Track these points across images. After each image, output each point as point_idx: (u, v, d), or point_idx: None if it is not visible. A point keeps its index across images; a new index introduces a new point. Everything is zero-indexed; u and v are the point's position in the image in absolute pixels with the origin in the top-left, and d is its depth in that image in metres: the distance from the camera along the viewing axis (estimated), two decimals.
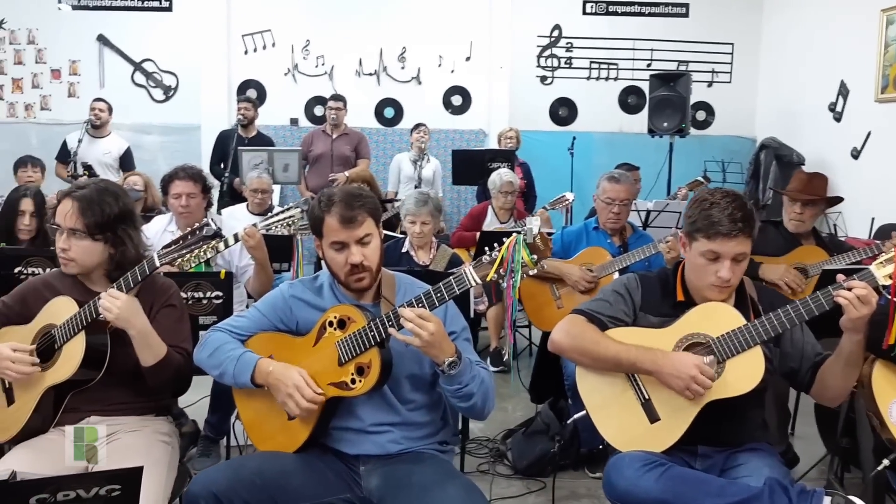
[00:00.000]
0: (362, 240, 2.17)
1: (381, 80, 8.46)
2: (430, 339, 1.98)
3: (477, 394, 2.11)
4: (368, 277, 2.20)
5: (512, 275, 2.03)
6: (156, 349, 2.29)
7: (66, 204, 2.35)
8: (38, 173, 5.69)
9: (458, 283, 2.04)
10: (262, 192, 5.31)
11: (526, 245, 2.02)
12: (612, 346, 2.26)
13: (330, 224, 2.17)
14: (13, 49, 8.18)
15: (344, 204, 2.16)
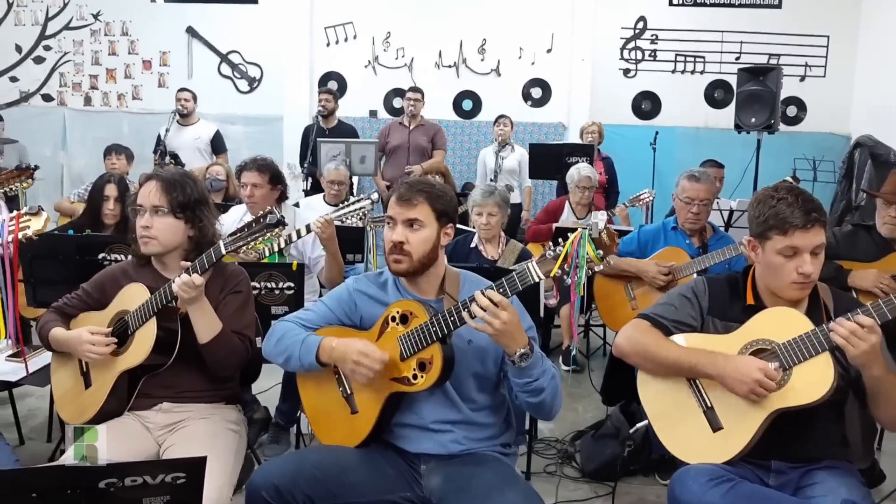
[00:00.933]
0: (411, 223, 2.16)
1: (461, 72, 8.42)
2: (502, 327, 1.94)
3: (547, 389, 2.06)
4: (406, 262, 2.16)
5: (576, 271, 1.96)
6: (212, 325, 2.34)
7: (149, 185, 2.44)
8: (123, 161, 5.90)
9: (521, 279, 1.98)
10: (338, 184, 5.36)
11: (591, 240, 1.96)
12: (673, 350, 2.19)
13: (390, 202, 2.20)
14: (108, 40, 8.53)
15: (408, 185, 2.19)
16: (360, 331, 2.24)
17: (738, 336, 2.16)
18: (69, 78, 8.61)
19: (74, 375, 2.49)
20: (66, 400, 2.52)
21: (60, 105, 8.64)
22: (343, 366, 2.14)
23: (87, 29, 8.53)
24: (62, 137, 8.60)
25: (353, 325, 2.28)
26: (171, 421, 2.40)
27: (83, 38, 8.55)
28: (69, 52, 8.57)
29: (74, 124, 8.61)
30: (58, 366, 2.56)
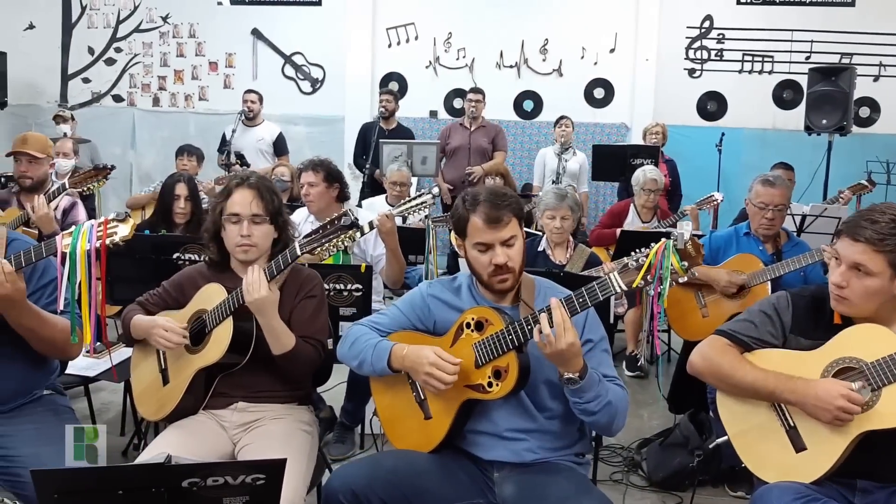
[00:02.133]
0: (507, 241, 2.13)
1: (522, 72, 8.38)
2: (561, 348, 1.92)
3: (599, 413, 2.04)
4: (511, 279, 2.15)
5: (660, 282, 1.92)
6: (284, 341, 2.35)
7: (244, 194, 2.46)
8: (194, 162, 6.03)
9: (602, 289, 1.95)
10: (400, 185, 5.39)
11: (676, 251, 1.91)
12: (749, 374, 2.11)
13: (475, 224, 2.14)
14: (176, 42, 8.73)
15: (490, 204, 2.12)
16: (433, 336, 2.24)
17: (822, 354, 2.07)
18: (138, 79, 8.84)
19: (153, 372, 2.55)
20: (146, 396, 2.57)
21: (130, 105, 8.88)
22: (415, 375, 2.15)
23: (157, 31, 8.75)
24: (131, 137, 8.84)
25: (427, 330, 2.28)
26: (246, 420, 2.44)
27: (152, 41, 8.77)
28: (139, 54, 8.81)
29: (143, 124, 8.84)
30: (138, 361, 2.62)
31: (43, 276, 2.40)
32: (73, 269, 2.12)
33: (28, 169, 4.05)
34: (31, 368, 2.41)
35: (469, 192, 2.22)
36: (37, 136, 4.24)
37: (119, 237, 2.12)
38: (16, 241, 2.41)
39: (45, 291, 2.38)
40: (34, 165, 4.07)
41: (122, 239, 2.13)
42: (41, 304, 2.31)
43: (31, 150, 4.05)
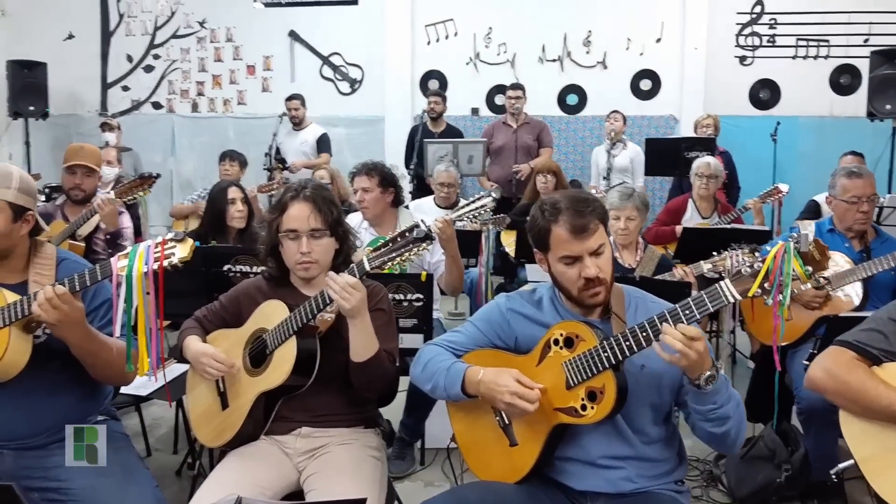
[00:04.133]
0: (596, 251, 1.93)
1: (565, 65, 8.16)
2: (697, 358, 1.72)
3: (733, 417, 1.84)
4: (604, 291, 1.96)
5: (780, 290, 1.71)
6: (370, 345, 2.19)
7: (300, 208, 2.31)
8: (236, 167, 5.93)
9: (713, 300, 1.75)
10: (448, 186, 5.23)
11: (798, 254, 1.70)
12: (884, 395, 1.91)
13: (559, 235, 1.94)
14: (213, 47, 8.66)
15: (573, 212, 1.92)
16: (515, 355, 2.05)
17: None
18: (177, 85, 8.78)
19: (212, 395, 2.40)
20: (203, 420, 2.43)
21: (169, 112, 8.83)
22: (493, 403, 1.96)
23: (194, 37, 8.67)
24: (171, 144, 8.79)
25: (508, 347, 2.10)
26: (311, 447, 2.28)
27: (190, 46, 8.71)
28: (177, 60, 8.75)
29: (183, 130, 8.78)
30: (195, 383, 2.48)
31: (95, 298, 2.28)
32: (129, 292, 1.98)
33: (83, 181, 3.97)
34: (85, 396, 2.30)
35: (547, 200, 2.02)
36: (91, 147, 4.16)
37: (178, 258, 1.99)
38: (66, 261, 2.30)
39: (98, 313, 2.26)
40: (89, 178, 3.99)
41: (181, 260, 1.99)
42: (94, 326, 2.18)
43: (89, 163, 3.96)
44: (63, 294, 1.99)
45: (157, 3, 8.60)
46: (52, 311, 1.98)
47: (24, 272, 2.23)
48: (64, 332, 2.05)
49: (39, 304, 1.99)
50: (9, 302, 2.07)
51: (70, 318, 2.02)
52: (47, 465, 2.17)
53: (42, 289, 2.02)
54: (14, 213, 2.18)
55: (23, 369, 2.09)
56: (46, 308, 1.98)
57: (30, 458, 2.17)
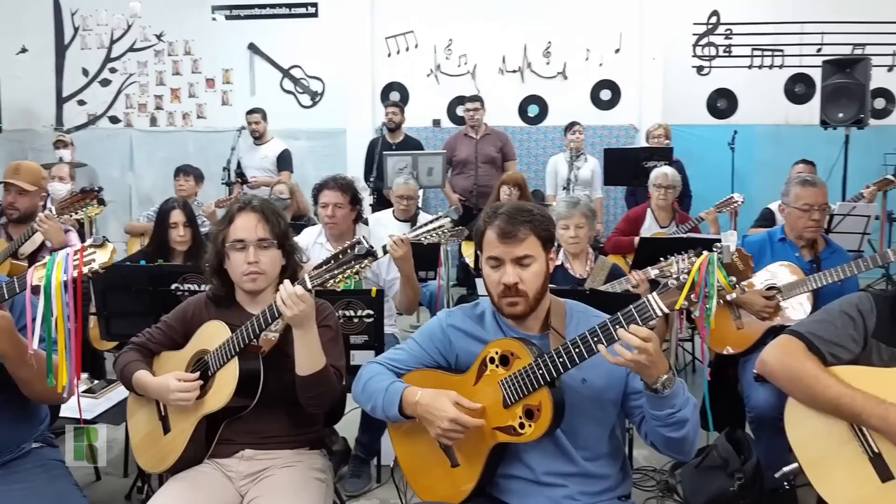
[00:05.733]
0: (521, 260, 1.93)
1: (525, 76, 8.20)
2: (650, 360, 1.72)
3: (690, 420, 1.83)
4: (523, 304, 1.94)
5: (706, 301, 1.72)
6: (316, 359, 2.15)
7: (248, 218, 2.29)
8: (191, 182, 5.85)
9: (642, 314, 1.75)
10: (408, 199, 5.21)
11: (722, 265, 1.71)
12: (833, 388, 1.94)
13: (489, 237, 1.96)
14: (171, 60, 8.57)
15: (507, 217, 1.94)
16: (454, 374, 2.03)
17: None
18: (135, 99, 8.67)
19: (152, 420, 2.35)
20: (144, 446, 2.38)
21: (127, 126, 8.71)
22: (428, 427, 1.93)
23: (151, 50, 8.58)
24: (129, 158, 8.67)
25: (449, 365, 2.08)
26: (254, 470, 2.24)
27: (147, 59, 8.60)
28: (134, 74, 8.64)
29: (141, 145, 8.67)
30: (135, 409, 2.43)
31: (22, 317, 2.20)
32: (47, 303, 1.92)
33: (16, 200, 3.86)
34: (18, 421, 2.22)
35: (493, 205, 2.03)
36: (30, 166, 4.04)
37: (98, 264, 1.92)
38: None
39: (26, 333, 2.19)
40: (23, 198, 3.88)
41: (102, 266, 1.92)
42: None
43: (20, 182, 3.85)
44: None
45: (114, 16, 8.48)
46: None
47: None
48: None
49: None
50: None
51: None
52: None
53: None
54: None
55: None
56: None
57: None
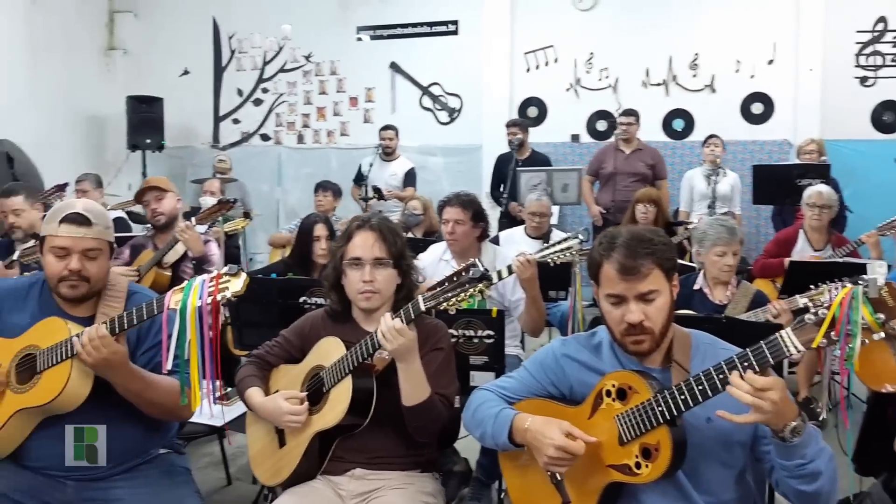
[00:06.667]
0: (645, 296, 1.79)
1: (670, 89, 7.88)
2: (773, 409, 1.56)
3: (825, 473, 1.64)
4: (649, 341, 1.81)
5: (848, 340, 1.53)
6: (420, 390, 2.13)
7: (365, 237, 2.30)
8: (330, 197, 6.03)
9: (773, 352, 1.58)
10: (540, 216, 5.10)
11: (868, 300, 1.51)
12: None
13: (607, 273, 1.81)
14: (318, 80, 8.91)
15: (626, 250, 1.79)
16: (567, 406, 1.92)
17: None
18: (284, 118, 9.08)
19: (269, 433, 2.39)
20: (261, 458, 2.42)
21: (276, 144, 9.13)
22: (536, 455, 1.83)
23: (300, 70, 8.95)
24: (278, 174, 9.08)
25: (562, 395, 1.97)
26: (364, 489, 2.23)
27: (296, 80, 8.99)
28: (284, 94, 9.05)
29: (288, 161, 9.06)
30: (253, 420, 2.47)
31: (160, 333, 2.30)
32: (182, 326, 1.99)
33: (157, 206, 4.10)
34: (149, 427, 2.31)
35: (608, 232, 1.89)
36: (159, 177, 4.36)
37: (231, 292, 1.98)
38: (136, 295, 2.32)
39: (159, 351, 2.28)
40: (162, 201, 4.11)
41: (234, 294, 1.98)
42: (156, 360, 2.20)
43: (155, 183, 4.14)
44: (103, 337, 2.01)
45: (267, 38, 8.94)
46: (93, 353, 2.01)
47: (95, 305, 2.28)
48: (105, 374, 2.08)
49: (83, 346, 2.02)
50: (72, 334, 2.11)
51: (109, 361, 2.03)
52: (108, 498, 2.20)
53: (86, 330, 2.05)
54: (111, 250, 2.29)
55: (85, 402, 2.13)
56: (88, 350, 2.01)
57: (92, 489, 2.20)
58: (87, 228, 2.19)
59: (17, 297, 2.30)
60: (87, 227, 2.19)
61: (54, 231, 2.19)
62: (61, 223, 2.18)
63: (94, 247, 2.20)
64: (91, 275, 2.20)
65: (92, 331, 2.02)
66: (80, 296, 2.22)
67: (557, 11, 8.06)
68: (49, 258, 2.20)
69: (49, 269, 2.21)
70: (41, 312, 2.23)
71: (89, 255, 2.20)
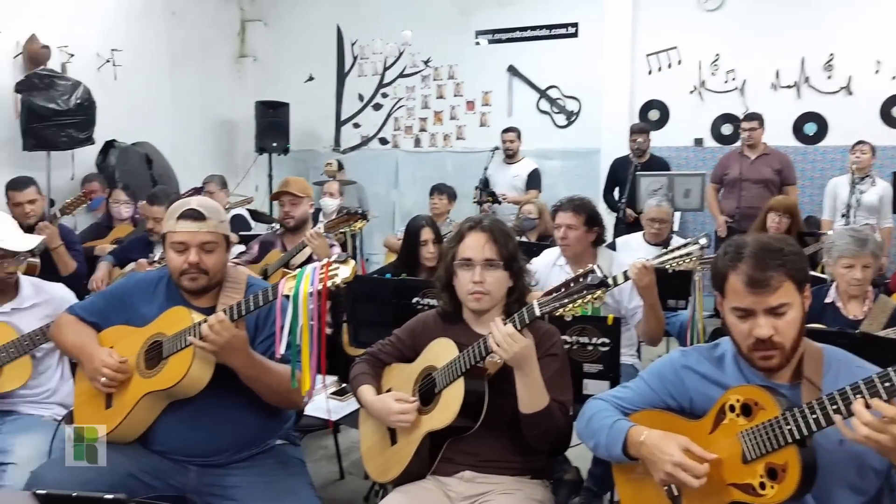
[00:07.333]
0: (775, 309, 1.69)
1: (802, 92, 7.48)
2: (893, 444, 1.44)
3: None
4: (778, 357, 1.71)
5: None
6: (539, 397, 2.10)
7: (477, 237, 2.30)
8: (445, 200, 6.06)
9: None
10: (660, 222, 4.94)
11: None
12: None
13: (734, 284, 1.72)
14: (436, 84, 9.00)
15: (755, 261, 1.69)
16: (687, 419, 1.84)
17: None
18: (402, 122, 9.22)
19: (381, 430, 2.42)
20: (372, 454, 2.45)
21: (394, 147, 9.29)
22: (652, 470, 1.76)
23: (419, 75, 9.07)
24: (394, 177, 9.23)
25: (681, 408, 1.89)
26: (473, 492, 2.21)
27: (415, 84, 9.11)
28: (402, 98, 9.19)
29: (405, 165, 9.20)
30: (365, 417, 2.51)
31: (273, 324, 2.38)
32: (294, 312, 2.05)
33: (291, 209, 4.26)
34: (266, 418, 2.39)
35: (734, 241, 1.79)
36: (298, 179, 4.48)
37: (340, 279, 2.03)
38: (253, 286, 2.42)
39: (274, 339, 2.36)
40: (296, 206, 4.27)
41: (344, 281, 2.03)
42: (273, 348, 2.28)
43: (292, 190, 4.26)
44: (222, 321, 2.10)
45: (387, 44, 9.11)
46: (214, 338, 2.09)
47: (216, 296, 2.39)
48: (226, 358, 2.16)
49: (204, 332, 2.11)
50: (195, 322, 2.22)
51: (230, 345, 2.12)
52: (226, 484, 2.28)
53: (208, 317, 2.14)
54: (227, 244, 2.40)
55: (207, 389, 2.22)
56: (209, 335, 2.10)
57: (212, 475, 2.30)
58: (203, 223, 2.30)
59: (146, 289, 2.45)
60: (202, 221, 2.30)
61: (173, 227, 2.32)
62: (178, 220, 2.31)
63: (210, 240, 2.31)
64: (209, 267, 2.31)
65: (212, 318, 2.11)
66: (200, 287, 2.33)
67: (682, 12, 7.82)
68: (170, 253, 2.33)
69: (171, 264, 2.34)
70: (168, 303, 2.36)
71: (206, 248, 2.31)
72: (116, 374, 2.27)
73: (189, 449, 2.29)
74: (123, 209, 5.44)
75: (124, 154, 7.40)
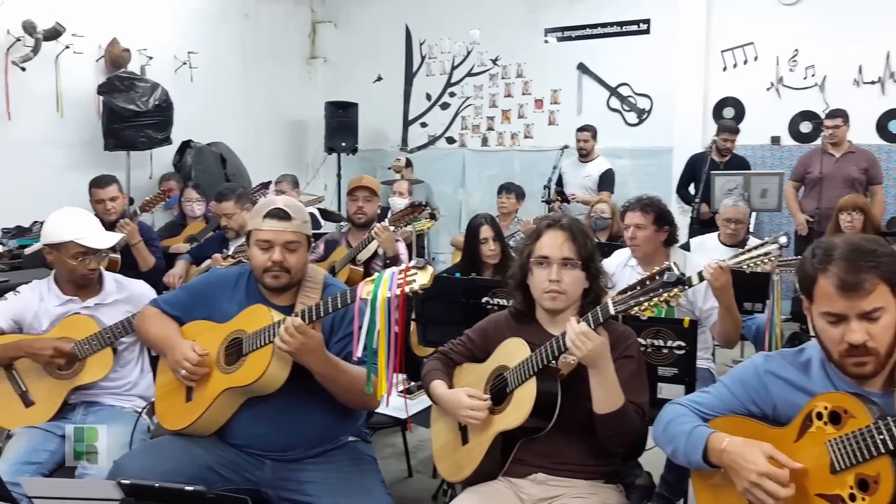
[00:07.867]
0: (869, 314, 1.61)
1: (887, 88, 7.17)
2: None
3: None
4: (872, 363, 1.63)
5: None
6: (614, 397, 2.07)
7: (554, 236, 2.28)
8: (513, 199, 6.04)
9: None
10: (735, 222, 4.81)
11: None
12: None
13: (824, 288, 1.64)
14: (504, 83, 8.96)
15: (847, 264, 1.62)
16: (771, 426, 1.77)
17: None
18: (469, 121, 9.22)
19: (453, 429, 2.41)
20: (444, 453, 2.45)
21: (461, 146, 9.30)
22: (735, 478, 1.70)
23: (487, 74, 9.05)
24: (461, 176, 9.24)
25: (764, 415, 1.83)
26: (546, 495, 2.20)
27: (482, 83, 9.09)
28: (470, 97, 9.19)
29: (472, 163, 9.19)
30: (437, 416, 2.51)
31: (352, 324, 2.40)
32: (372, 316, 2.06)
33: (364, 205, 4.31)
34: (340, 414, 2.41)
35: (822, 243, 1.71)
36: (370, 178, 4.52)
37: (418, 284, 2.03)
38: (331, 287, 2.46)
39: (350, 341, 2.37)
40: (369, 203, 4.32)
41: (421, 287, 2.03)
42: (348, 349, 2.29)
43: (368, 185, 4.31)
44: (298, 325, 2.12)
45: (455, 43, 9.12)
46: (290, 340, 2.12)
47: (294, 295, 2.43)
48: (303, 359, 2.19)
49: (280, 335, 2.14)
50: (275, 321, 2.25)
51: (306, 346, 2.14)
52: (300, 479, 2.32)
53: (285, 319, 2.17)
54: (308, 244, 2.44)
55: (283, 386, 2.26)
56: (285, 338, 2.12)
57: (286, 470, 2.34)
58: (288, 223, 2.34)
59: (226, 286, 2.50)
60: (288, 221, 2.34)
61: (259, 225, 2.36)
62: (265, 218, 2.35)
63: (294, 240, 2.35)
64: (291, 266, 2.35)
65: (289, 321, 2.14)
66: (281, 286, 2.37)
67: (759, 7, 7.59)
68: (255, 250, 2.37)
69: (255, 261, 2.38)
70: (247, 300, 2.41)
71: (290, 247, 2.34)
72: (197, 368, 2.32)
73: (265, 444, 2.33)
74: (196, 207, 5.61)
75: (200, 154, 7.61)
